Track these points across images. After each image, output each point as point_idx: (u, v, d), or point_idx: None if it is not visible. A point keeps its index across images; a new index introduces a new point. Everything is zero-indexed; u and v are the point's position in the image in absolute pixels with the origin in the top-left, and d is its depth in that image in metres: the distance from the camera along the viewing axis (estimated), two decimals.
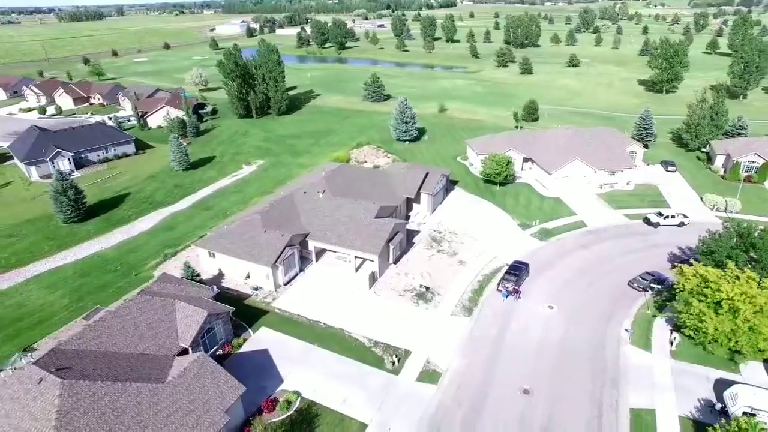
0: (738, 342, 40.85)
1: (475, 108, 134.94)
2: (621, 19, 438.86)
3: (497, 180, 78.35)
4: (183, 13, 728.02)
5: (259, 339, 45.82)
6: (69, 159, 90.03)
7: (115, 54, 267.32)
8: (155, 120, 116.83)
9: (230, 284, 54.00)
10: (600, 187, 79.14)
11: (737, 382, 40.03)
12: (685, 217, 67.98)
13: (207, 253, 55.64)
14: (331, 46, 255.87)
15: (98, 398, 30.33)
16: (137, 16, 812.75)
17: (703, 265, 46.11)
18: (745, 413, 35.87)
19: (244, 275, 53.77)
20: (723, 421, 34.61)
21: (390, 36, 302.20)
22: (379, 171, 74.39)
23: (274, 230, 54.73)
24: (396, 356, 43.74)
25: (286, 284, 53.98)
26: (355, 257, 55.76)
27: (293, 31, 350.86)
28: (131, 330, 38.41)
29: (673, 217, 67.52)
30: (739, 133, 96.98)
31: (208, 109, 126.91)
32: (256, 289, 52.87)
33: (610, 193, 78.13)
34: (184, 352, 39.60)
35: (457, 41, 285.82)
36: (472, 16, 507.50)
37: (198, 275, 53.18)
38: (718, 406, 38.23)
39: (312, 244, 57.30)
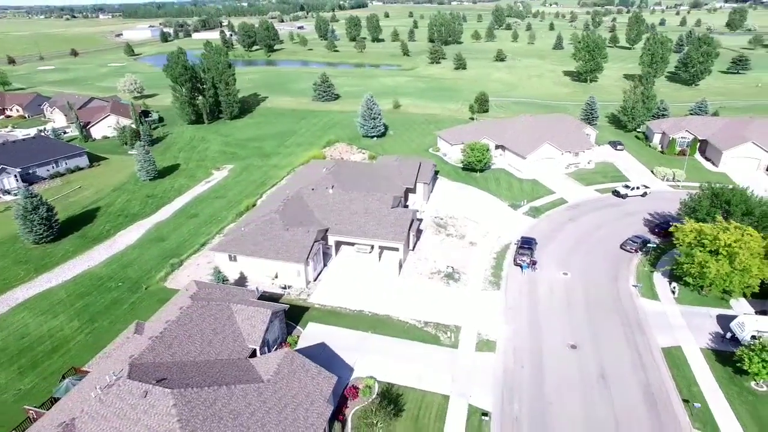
0: (732, 283, 48.07)
1: (426, 103, 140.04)
2: (526, 16, 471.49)
3: (478, 167, 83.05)
4: (74, 17, 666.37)
5: (310, 334, 45.89)
6: (15, 176, 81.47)
7: (12, 62, 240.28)
8: (99, 130, 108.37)
9: (255, 286, 52.92)
10: (566, 168, 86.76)
11: (734, 316, 47.21)
12: (647, 188, 77.00)
13: (227, 257, 54.02)
14: (258, 49, 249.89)
15: (211, 404, 29.56)
16: (17, 19, 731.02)
17: (684, 221, 53.58)
18: (753, 336, 42.63)
19: (272, 275, 53.07)
20: (746, 343, 41.06)
21: (314, 37, 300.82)
22: (375, 164, 75.82)
23: (295, 227, 54.52)
24: (449, 332, 46.05)
25: (314, 280, 54.05)
26: (379, 247, 57.04)
27: (211, 34, 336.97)
28: (198, 337, 37.22)
29: (637, 188, 76.18)
30: (663, 114, 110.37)
31: (154, 116, 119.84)
32: (284, 287, 52.48)
33: (576, 172, 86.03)
34: (253, 353, 39.08)
35: (382, 40, 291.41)
36: (387, 16, 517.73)
37: (227, 280, 51.70)
38: (729, 335, 44.97)
39: (332, 239, 57.73)
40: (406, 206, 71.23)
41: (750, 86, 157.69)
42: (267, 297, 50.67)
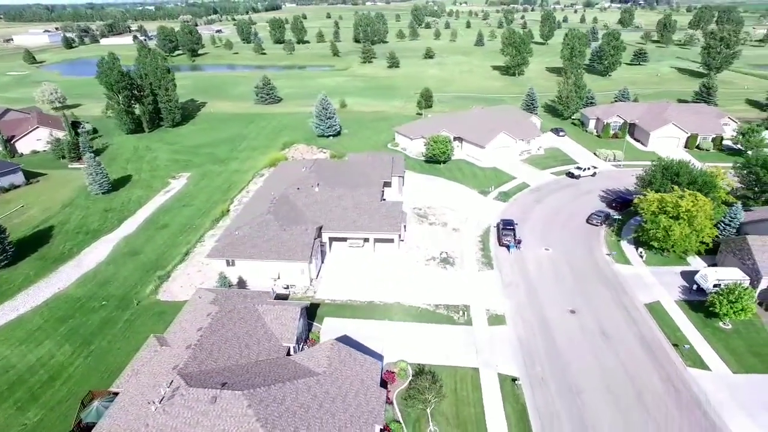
0: (690, 243, 55.18)
1: (369, 101, 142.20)
2: (441, 15, 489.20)
3: (442, 158, 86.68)
4: None
5: (330, 329, 46.32)
6: None
7: None
8: (27, 144, 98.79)
9: (271, 287, 52.14)
10: (520, 154, 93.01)
11: (695, 271, 54.22)
12: (596, 168, 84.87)
13: (225, 263, 52.62)
14: (181, 54, 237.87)
15: (281, 400, 29.66)
16: None
17: (645, 194, 60.49)
18: (715, 285, 49.46)
19: (274, 276, 52.56)
20: (710, 292, 47.79)
21: (237, 41, 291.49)
22: (350, 161, 76.49)
23: (292, 227, 54.38)
24: (460, 312, 48.65)
25: (316, 277, 54.27)
26: (371, 240, 58.33)
27: (123, 40, 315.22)
28: (235, 341, 36.68)
29: (588, 169, 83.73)
30: (591, 102, 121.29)
31: (87, 127, 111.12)
32: (287, 287, 52.28)
33: (529, 158, 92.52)
34: (287, 352, 39.06)
35: (308, 42, 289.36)
36: (305, 17, 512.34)
37: (232, 284, 50.52)
38: (695, 287, 51.69)
39: (326, 235, 58.12)
40: (383, 200, 72.98)
41: (652, 76, 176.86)
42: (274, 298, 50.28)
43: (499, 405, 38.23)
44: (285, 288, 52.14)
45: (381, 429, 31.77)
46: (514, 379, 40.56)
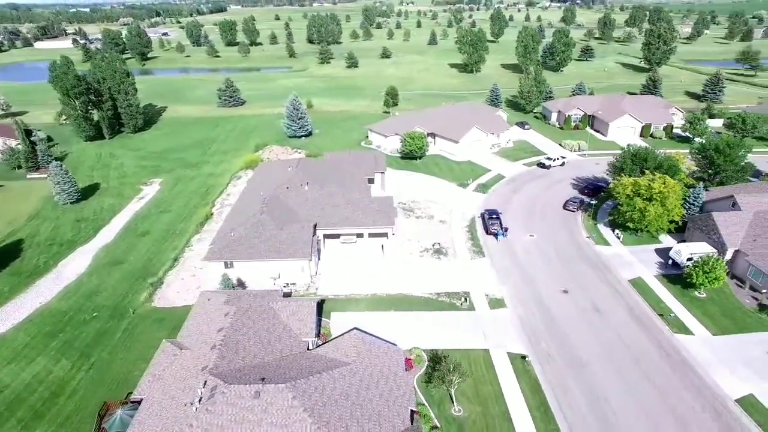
0: (662, 222, 59.66)
1: (334, 101, 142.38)
2: (390, 15, 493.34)
3: (418, 154, 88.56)
4: None
5: (338, 323, 46.75)
6: None
7: None
8: None
9: (280, 286, 51.91)
10: (491, 148, 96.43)
11: (668, 248, 58.67)
12: (564, 158, 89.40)
13: (223, 265, 51.92)
14: (129, 58, 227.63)
15: (322, 390, 30.18)
16: None
17: (618, 179, 64.79)
18: (688, 259, 53.85)
19: (274, 275, 52.39)
20: (684, 265, 52.12)
21: (186, 43, 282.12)
22: (332, 159, 76.66)
23: (289, 225, 54.40)
24: (462, 298, 50.47)
25: (315, 274, 54.53)
26: (365, 234, 59.18)
27: (60, 43, 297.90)
28: (257, 339, 36.72)
29: (557, 159, 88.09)
30: (550, 97, 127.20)
31: (41, 135, 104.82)
32: (287, 285, 52.29)
33: (500, 151, 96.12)
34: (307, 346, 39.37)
35: (260, 44, 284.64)
36: (253, 19, 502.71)
37: (236, 285, 49.98)
38: (670, 261, 56.02)
39: (321, 232, 58.38)
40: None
41: (599, 71, 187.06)
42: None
43: (514, 381, 40.22)
44: (285, 286, 52.05)
45: (411, 411, 32.84)
46: (523, 357, 42.70)
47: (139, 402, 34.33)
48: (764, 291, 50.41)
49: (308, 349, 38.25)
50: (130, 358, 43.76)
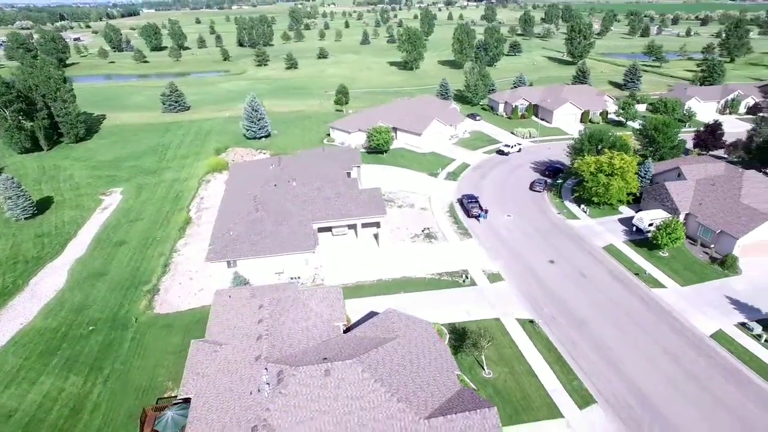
0: (622, 194, 66.62)
1: (284, 102, 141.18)
2: (315, 16, 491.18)
3: (384, 148, 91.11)
4: None
5: (354, 309, 47.88)
6: None
7: None
8: None
9: (298, 278, 52.49)
10: (450, 139, 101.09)
11: (630, 217, 65.70)
12: (520, 144, 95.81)
13: (226, 265, 51.45)
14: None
15: (383, 363, 31.79)
16: None
17: (580, 159, 71.26)
18: (650, 224, 60.86)
19: (278, 271, 52.69)
20: (646, 231, 58.94)
21: (106, 49, 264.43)
22: (310, 156, 76.98)
23: (287, 220, 54.84)
24: (462, 276, 53.73)
25: (318, 266, 55.40)
26: (358, 225, 60.85)
27: None
28: (295, 327, 37.41)
29: (514, 146, 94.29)
30: (492, 90, 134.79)
31: None
32: (292, 279, 52.85)
33: (459, 141, 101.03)
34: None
35: (188, 48, 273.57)
36: (178, 23, 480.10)
37: (248, 282, 49.75)
38: (634, 228, 62.84)
39: (315, 225, 59.11)
40: None
41: (529, 65, 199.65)
42: None
43: (529, 343, 43.96)
44: (290, 280, 52.50)
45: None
46: (531, 321, 46.62)
47: (183, 401, 34.08)
48: (712, 246, 58.23)
49: (343, 333, 39.50)
50: (147, 366, 42.57)
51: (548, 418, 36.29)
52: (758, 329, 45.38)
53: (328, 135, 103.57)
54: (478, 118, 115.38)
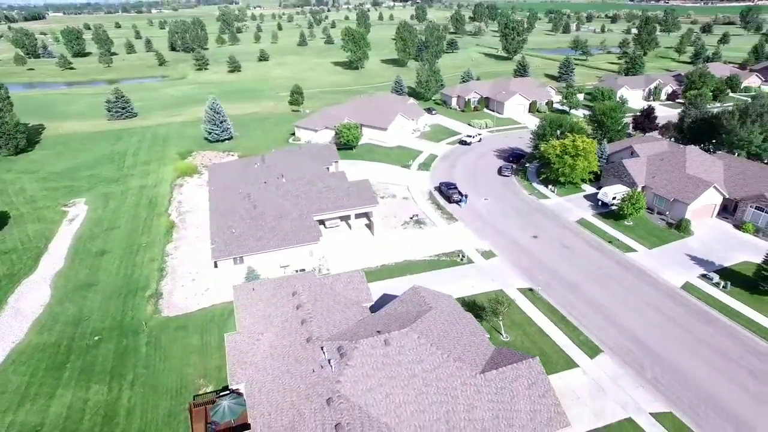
0: (585, 174, 73.32)
1: (235, 105, 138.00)
2: (244, 20, 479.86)
3: (354, 144, 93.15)
4: None
5: (375, 292, 49.73)
6: None
7: None
8: None
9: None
10: (413, 132, 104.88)
11: (594, 193, 72.55)
12: (480, 135, 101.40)
13: (232, 262, 51.52)
14: None
15: (431, 330, 34.22)
16: None
17: (545, 143, 77.43)
18: (614, 198, 67.77)
19: (283, 264, 53.41)
20: (610, 204, 65.70)
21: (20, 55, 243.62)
22: (288, 154, 77.17)
23: (287, 215, 55.68)
24: (459, 255, 57.29)
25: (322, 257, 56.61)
26: (352, 216, 62.73)
27: None
28: (332, 310, 38.87)
29: (475, 136, 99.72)
30: (441, 85, 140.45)
31: None
32: (297, 272, 53.85)
33: (422, 134, 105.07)
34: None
35: (116, 54, 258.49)
36: (88, 27, 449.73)
37: (260, 275, 50.09)
38: (599, 202, 69.55)
39: (313, 218, 60.20)
40: None
41: (467, 61, 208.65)
42: None
43: (533, 308, 48.17)
44: (296, 273, 53.39)
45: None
46: (530, 289, 50.95)
47: (231, 392, 34.67)
48: (667, 213, 65.96)
49: (372, 312, 41.43)
50: (173, 367, 42.16)
51: (567, 369, 40.46)
52: (716, 278, 52.57)
53: (293, 134, 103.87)
54: (434, 112, 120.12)
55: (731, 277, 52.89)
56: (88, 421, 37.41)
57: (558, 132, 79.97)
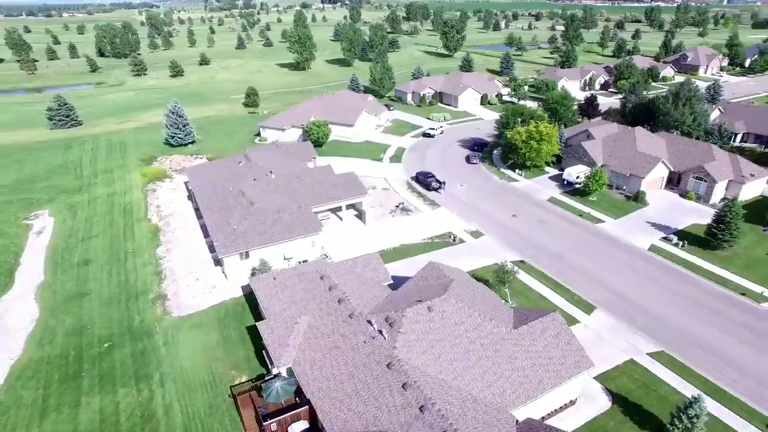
0: (548, 157, 79.69)
1: (188, 109, 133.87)
2: (171, 24, 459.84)
3: (323, 141, 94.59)
4: None
5: None
6: None
7: None
8: None
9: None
10: (376, 128, 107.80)
11: (558, 174, 79.04)
12: (441, 127, 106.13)
13: (239, 257, 51.92)
14: None
15: (463, 296, 37.26)
16: None
17: (510, 131, 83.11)
18: (577, 177, 74.44)
19: (287, 256, 54.45)
20: (575, 182, 72.32)
21: None
22: (268, 152, 77.08)
23: (286, 208, 56.72)
24: (450, 236, 60.97)
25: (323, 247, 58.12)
26: (343, 207, 64.67)
27: None
28: (361, 289, 40.89)
29: (437, 129, 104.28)
30: (394, 82, 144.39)
31: None
32: (300, 263, 55.17)
33: (386, 129, 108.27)
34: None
35: (36, 60, 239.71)
36: (16, 30, 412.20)
37: (271, 268, 50.83)
38: (565, 182, 76.02)
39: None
40: None
41: (410, 59, 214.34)
42: None
43: (529, 277, 52.72)
44: (299, 264, 54.63)
45: None
46: (522, 261, 55.50)
47: (274, 376, 35.86)
48: (624, 187, 73.47)
49: (393, 291, 43.81)
50: (199, 362, 42.31)
51: (570, 324, 44.90)
52: (675, 239, 59.89)
53: (258, 135, 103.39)
54: (391, 108, 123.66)
55: (686, 237, 60.43)
56: (125, 422, 36.99)
57: (519, 120, 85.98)
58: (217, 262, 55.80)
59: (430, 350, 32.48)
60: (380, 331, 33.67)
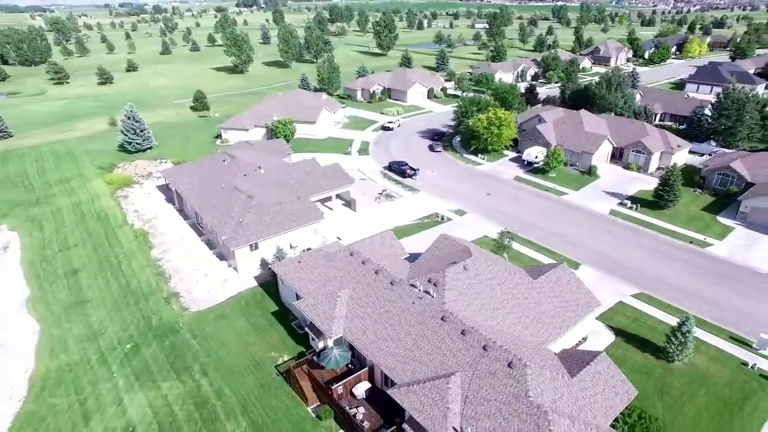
0: (507, 142, 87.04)
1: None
2: (79, 30, 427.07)
3: (290, 138, 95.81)
4: None
5: None
6: None
7: None
8: None
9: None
10: (336, 124, 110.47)
11: (517, 156, 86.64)
12: (398, 120, 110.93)
13: (248, 249, 53.02)
14: None
15: (486, 262, 41.91)
16: None
17: (471, 119, 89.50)
18: (536, 157, 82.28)
19: (292, 244, 56.18)
20: (533, 162, 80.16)
21: None
22: (250, 148, 76.90)
23: (287, 200, 58.40)
24: (438, 216, 65.73)
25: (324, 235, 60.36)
26: (333, 196, 67.26)
27: None
28: (388, 262, 44.17)
29: (395, 122, 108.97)
30: (340, 81, 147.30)
31: None
32: (304, 252, 57.26)
33: (345, 125, 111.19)
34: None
35: None
36: None
37: (286, 253, 52.43)
38: (525, 162, 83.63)
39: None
40: None
41: (346, 58, 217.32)
42: None
43: (518, 245, 58.46)
44: (303, 251, 56.63)
45: None
46: (509, 231, 61.28)
47: (324, 349, 38.33)
48: (578, 163, 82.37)
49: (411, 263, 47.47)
50: (236, 350, 43.37)
51: None
52: (629, 204, 68.91)
53: (218, 137, 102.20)
54: (344, 105, 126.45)
55: (637, 201, 69.69)
56: (181, 411, 37.61)
57: (476, 109, 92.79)
58: (222, 257, 56.37)
59: (473, 303, 36.67)
60: (426, 292, 37.30)
